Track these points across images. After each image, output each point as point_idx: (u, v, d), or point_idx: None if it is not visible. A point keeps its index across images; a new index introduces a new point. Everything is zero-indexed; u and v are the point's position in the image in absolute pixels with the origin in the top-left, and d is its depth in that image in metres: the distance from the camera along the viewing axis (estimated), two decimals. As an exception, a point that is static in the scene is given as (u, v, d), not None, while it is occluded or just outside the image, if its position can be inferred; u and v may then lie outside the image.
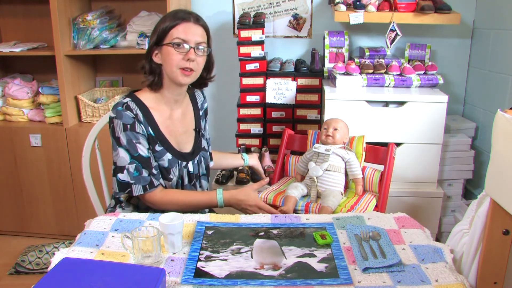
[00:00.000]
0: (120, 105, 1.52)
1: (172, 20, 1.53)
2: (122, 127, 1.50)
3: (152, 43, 1.56)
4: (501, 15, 2.46)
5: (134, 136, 1.51)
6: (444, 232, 2.60)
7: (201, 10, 2.88)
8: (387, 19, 2.46)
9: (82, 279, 1.00)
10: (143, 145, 1.53)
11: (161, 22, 1.55)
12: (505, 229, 1.10)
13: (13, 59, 2.99)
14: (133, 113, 1.51)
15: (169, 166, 1.59)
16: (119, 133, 1.51)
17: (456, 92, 2.84)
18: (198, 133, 1.72)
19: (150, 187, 1.54)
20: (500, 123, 1.05)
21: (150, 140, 1.55)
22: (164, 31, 1.53)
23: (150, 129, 1.55)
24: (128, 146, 1.51)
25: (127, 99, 1.55)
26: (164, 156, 1.58)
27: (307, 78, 2.56)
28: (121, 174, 1.52)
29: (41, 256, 2.55)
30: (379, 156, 1.96)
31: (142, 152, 1.52)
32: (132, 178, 1.52)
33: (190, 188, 1.68)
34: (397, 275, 1.15)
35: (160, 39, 1.54)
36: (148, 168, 1.53)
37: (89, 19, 2.61)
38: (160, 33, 1.53)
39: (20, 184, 2.75)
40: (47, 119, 2.71)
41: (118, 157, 1.52)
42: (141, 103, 1.56)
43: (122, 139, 1.50)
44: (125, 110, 1.51)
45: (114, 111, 1.52)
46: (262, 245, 1.28)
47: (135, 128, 1.51)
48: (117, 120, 1.51)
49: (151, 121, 1.56)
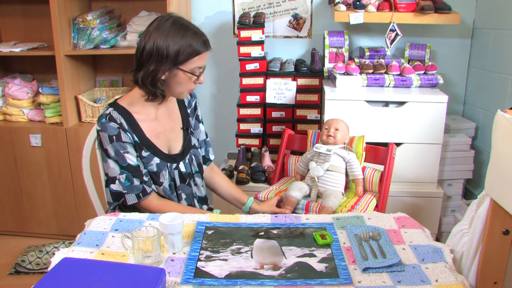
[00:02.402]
0: (104, 117, 1.51)
1: (196, 46, 1.46)
2: (108, 139, 1.50)
3: (164, 64, 1.45)
4: (501, 15, 2.46)
5: (121, 147, 1.50)
6: (444, 232, 2.60)
7: (201, 10, 2.88)
8: (387, 19, 2.46)
9: (82, 279, 1.01)
10: (131, 154, 1.52)
11: (174, 41, 1.44)
12: (505, 229, 1.10)
13: (13, 59, 2.99)
14: (117, 123, 1.50)
15: (158, 170, 1.58)
16: (106, 145, 1.51)
17: (456, 92, 2.84)
18: (187, 131, 1.70)
19: (144, 195, 1.54)
20: (500, 123, 1.05)
21: (136, 147, 1.54)
22: (186, 57, 1.46)
23: (135, 136, 1.54)
24: (116, 157, 1.51)
25: (109, 109, 1.53)
26: (152, 160, 1.57)
27: (307, 78, 2.56)
28: (113, 185, 1.52)
29: (41, 256, 2.55)
30: (379, 156, 1.96)
31: (131, 162, 1.52)
32: (124, 188, 1.52)
33: (185, 188, 1.67)
34: (397, 275, 1.15)
35: (177, 63, 1.46)
36: (139, 176, 1.53)
37: (89, 19, 2.61)
38: (179, 57, 1.45)
39: (20, 184, 2.75)
40: (47, 119, 2.71)
41: (109, 168, 1.52)
42: (124, 110, 1.54)
43: (110, 151, 1.50)
44: (108, 121, 1.50)
45: (99, 124, 1.51)
46: (262, 245, 1.28)
47: (121, 138, 1.50)
48: (103, 132, 1.50)
49: (135, 127, 1.54)
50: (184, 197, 1.68)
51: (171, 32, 1.45)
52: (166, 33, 1.45)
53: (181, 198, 1.67)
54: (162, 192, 1.62)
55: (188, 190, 1.69)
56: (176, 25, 1.47)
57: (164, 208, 1.54)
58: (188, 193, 1.69)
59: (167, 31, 1.45)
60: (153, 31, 1.46)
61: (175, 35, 1.45)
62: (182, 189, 1.67)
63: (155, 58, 1.45)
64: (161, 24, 1.47)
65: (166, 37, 1.44)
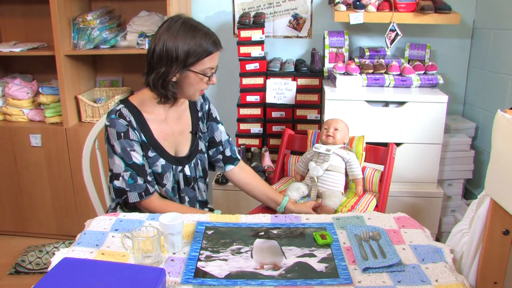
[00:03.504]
0: (114, 113, 1.51)
1: (206, 47, 1.45)
2: (116, 136, 1.50)
3: (174, 66, 1.44)
4: (501, 15, 2.46)
5: (128, 144, 1.50)
6: (444, 232, 2.60)
7: (201, 10, 2.88)
8: (387, 19, 2.46)
9: (82, 279, 1.01)
10: (137, 152, 1.52)
11: (184, 42, 1.42)
12: (505, 229, 1.10)
13: (13, 59, 2.99)
14: (126, 120, 1.50)
15: (162, 171, 1.57)
16: (113, 141, 1.50)
17: (456, 92, 2.84)
18: (195, 135, 1.69)
19: (146, 194, 1.54)
20: (500, 123, 1.05)
21: (143, 146, 1.54)
22: (197, 58, 1.44)
23: (143, 135, 1.54)
24: (122, 154, 1.50)
25: (120, 106, 1.53)
26: (158, 162, 1.56)
27: (307, 78, 2.56)
28: (117, 181, 1.52)
29: (41, 256, 2.55)
30: (379, 156, 1.96)
31: (136, 160, 1.51)
32: (127, 186, 1.52)
33: (189, 191, 1.67)
34: (397, 275, 1.15)
35: (188, 64, 1.45)
36: (143, 175, 1.53)
37: (89, 19, 2.61)
38: (190, 58, 1.44)
39: (20, 184, 2.75)
40: (47, 119, 2.71)
41: (114, 164, 1.52)
42: (135, 108, 1.54)
43: (117, 147, 1.50)
44: (118, 118, 1.50)
45: (108, 119, 1.51)
46: (262, 245, 1.28)
47: (129, 136, 1.50)
48: (111, 128, 1.50)
49: (144, 127, 1.54)
50: (187, 200, 1.67)
51: (180, 33, 1.43)
52: (175, 35, 1.43)
53: (184, 201, 1.67)
54: (164, 193, 1.61)
55: (192, 194, 1.69)
56: (185, 26, 1.45)
57: (165, 208, 1.53)
58: (191, 196, 1.68)
59: (176, 33, 1.43)
60: (163, 33, 1.45)
61: (185, 36, 1.43)
62: (185, 192, 1.66)
63: (165, 60, 1.43)
64: (171, 25, 1.45)
65: (175, 38, 1.42)
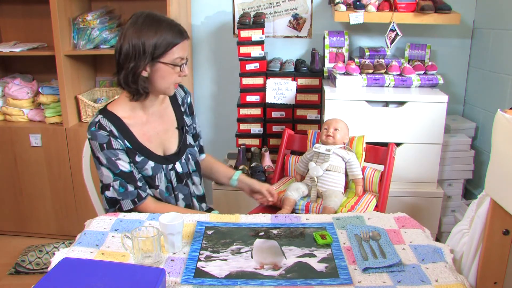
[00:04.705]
0: (93, 125, 1.50)
1: (172, 37, 1.45)
2: (99, 147, 1.49)
3: (143, 60, 1.44)
4: (501, 15, 2.46)
5: (112, 154, 1.50)
6: (444, 232, 2.60)
7: (201, 10, 2.87)
8: (387, 19, 2.46)
9: (82, 279, 1.01)
10: (123, 160, 1.51)
11: (149, 36, 1.43)
12: (505, 229, 1.10)
13: (13, 59, 2.99)
14: (106, 131, 1.49)
15: (153, 173, 1.57)
16: (98, 153, 1.50)
17: (456, 92, 2.84)
18: (182, 130, 1.68)
19: (139, 200, 1.54)
20: (500, 123, 1.05)
21: (129, 152, 1.53)
22: (164, 49, 1.45)
23: (127, 141, 1.53)
24: (108, 165, 1.50)
25: (99, 117, 1.52)
26: (147, 165, 1.56)
27: (307, 78, 2.56)
28: (108, 192, 1.53)
29: (41, 256, 2.55)
30: (379, 156, 1.96)
31: (123, 168, 1.51)
32: (119, 195, 1.52)
33: (182, 189, 1.67)
34: (397, 275, 1.15)
35: (156, 56, 1.45)
36: (132, 182, 1.53)
37: (89, 19, 2.61)
38: (157, 50, 1.44)
39: (20, 184, 2.75)
40: (47, 119, 2.71)
41: (103, 176, 1.52)
42: (114, 116, 1.53)
43: (102, 158, 1.50)
44: (98, 129, 1.49)
45: (89, 133, 1.51)
46: (262, 245, 1.28)
47: (112, 145, 1.50)
48: (93, 141, 1.50)
49: (126, 133, 1.53)
50: (181, 198, 1.67)
51: (144, 27, 1.44)
52: (140, 30, 1.44)
53: (178, 199, 1.66)
54: (158, 195, 1.61)
55: (186, 190, 1.68)
56: (149, 19, 1.46)
57: (160, 211, 1.53)
58: (185, 193, 1.68)
59: (140, 28, 1.44)
60: (128, 30, 1.46)
61: (149, 30, 1.44)
62: (179, 190, 1.66)
63: (133, 56, 1.44)
64: (135, 22, 1.46)
65: (140, 33, 1.44)
